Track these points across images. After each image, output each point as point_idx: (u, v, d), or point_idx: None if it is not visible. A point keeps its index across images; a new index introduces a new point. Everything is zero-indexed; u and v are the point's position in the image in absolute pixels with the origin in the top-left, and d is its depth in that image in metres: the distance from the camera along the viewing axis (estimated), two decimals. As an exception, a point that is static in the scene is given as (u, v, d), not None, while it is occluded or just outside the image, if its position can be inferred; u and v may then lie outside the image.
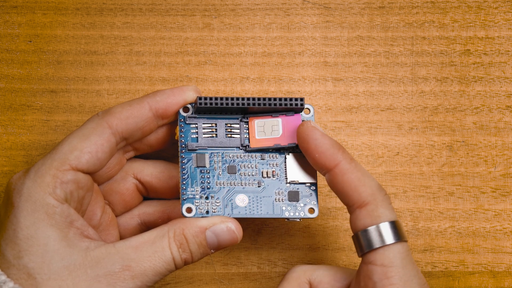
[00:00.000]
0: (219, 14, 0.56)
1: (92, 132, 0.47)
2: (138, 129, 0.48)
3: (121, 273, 0.44)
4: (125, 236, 0.51)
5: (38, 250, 0.44)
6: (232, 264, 0.54)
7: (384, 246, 0.46)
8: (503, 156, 0.55)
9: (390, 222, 0.46)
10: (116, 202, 0.51)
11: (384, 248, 0.46)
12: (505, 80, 0.56)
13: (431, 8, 0.56)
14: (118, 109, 0.48)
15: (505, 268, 0.54)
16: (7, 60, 0.55)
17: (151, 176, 0.51)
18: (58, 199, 0.45)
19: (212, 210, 0.48)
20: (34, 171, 0.46)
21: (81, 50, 0.55)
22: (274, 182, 0.49)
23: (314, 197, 0.49)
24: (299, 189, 0.49)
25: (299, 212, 0.49)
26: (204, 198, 0.48)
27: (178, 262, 0.46)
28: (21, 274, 0.44)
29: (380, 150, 0.55)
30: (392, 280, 0.45)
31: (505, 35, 0.56)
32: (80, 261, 0.44)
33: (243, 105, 0.48)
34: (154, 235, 0.46)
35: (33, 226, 0.44)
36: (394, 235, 0.46)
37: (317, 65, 0.55)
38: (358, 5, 0.56)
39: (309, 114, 0.50)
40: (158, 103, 0.48)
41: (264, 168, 0.49)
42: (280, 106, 0.48)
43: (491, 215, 0.55)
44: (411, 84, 0.56)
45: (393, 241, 0.46)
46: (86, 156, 0.46)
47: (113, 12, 0.55)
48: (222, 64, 0.55)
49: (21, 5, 0.55)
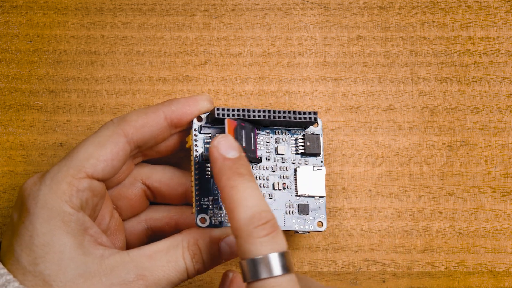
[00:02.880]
0: (219, 14, 0.56)
1: (108, 140, 0.47)
2: (152, 138, 0.48)
3: (135, 282, 0.44)
4: (132, 241, 0.51)
5: (54, 257, 0.44)
6: (232, 264, 0.54)
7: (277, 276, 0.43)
8: (503, 156, 0.55)
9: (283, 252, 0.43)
10: (124, 207, 0.51)
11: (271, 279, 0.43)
12: (505, 80, 0.56)
13: (431, 8, 0.56)
14: (134, 117, 0.48)
15: (505, 268, 0.54)
16: (7, 60, 0.55)
17: (160, 182, 0.51)
18: (74, 207, 0.45)
19: (225, 221, 0.48)
20: (50, 177, 0.45)
21: (81, 50, 0.55)
22: (285, 194, 0.50)
23: (323, 211, 0.50)
24: (308, 202, 0.50)
25: (308, 225, 0.49)
26: (217, 208, 0.48)
27: (191, 272, 0.46)
28: (37, 281, 0.44)
29: (380, 150, 0.55)
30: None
31: (505, 35, 0.56)
32: (95, 269, 0.44)
33: (259, 117, 0.49)
34: (168, 244, 0.46)
35: (49, 233, 0.44)
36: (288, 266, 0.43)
37: (317, 65, 0.55)
38: (358, 5, 0.56)
39: (318, 127, 0.51)
40: (173, 112, 0.48)
41: (275, 180, 0.50)
42: (294, 120, 0.49)
43: (491, 215, 0.55)
44: (411, 84, 0.56)
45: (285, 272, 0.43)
46: (102, 164, 0.46)
47: (113, 12, 0.55)
48: (222, 64, 0.55)
49: (21, 5, 0.55)
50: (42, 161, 0.54)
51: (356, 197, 0.54)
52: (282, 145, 0.51)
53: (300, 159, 0.51)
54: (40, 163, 0.54)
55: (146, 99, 0.55)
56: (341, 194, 0.54)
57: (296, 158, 0.50)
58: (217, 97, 0.55)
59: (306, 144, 0.50)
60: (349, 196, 0.54)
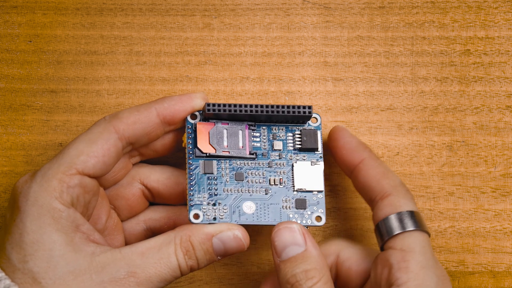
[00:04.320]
0: (219, 14, 0.56)
1: (99, 136, 0.47)
2: (145, 135, 0.48)
3: (126, 279, 0.44)
4: (131, 242, 0.51)
5: (44, 254, 0.44)
6: (232, 264, 0.54)
7: (404, 232, 0.46)
8: (503, 156, 0.55)
9: (411, 211, 0.47)
10: (122, 207, 0.51)
11: (404, 234, 0.46)
12: (505, 80, 0.56)
13: (431, 8, 0.56)
14: (126, 114, 0.48)
15: (505, 268, 0.54)
16: (7, 60, 0.55)
17: (158, 182, 0.51)
18: (64, 204, 0.45)
19: (219, 217, 0.48)
20: (40, 175, 0.45)
21: (81, 50, 0.55)
22: (282, 189, 0.50)
23: (322, 205, 0.50)
24: (306, 197, 0.50)
25: (306, 220, 0.49)
26: (211, 204, 0.48)
27: (183, 269, 0.46)
28: (26, 279, 0.44)
29: (380, 150, 0.55)
30: (409, 263, 0.45)
31: (505, 35, 0.56)
32: (85, 266, 0.44)
33: (251, 112, 0.48)
34: (160, 241, 0.46)
35: (39, 231, 0.44)
36: (414, 223, 0.46)
37: (317, 65, 0.55)
38: (358, 5, 0.56)
39: (316, 123, 0.51)
40: (165, 109, 0.48)
41: (271, 176, 0.50)
42: (288, 114, 0.49)
43: (491, 215, 0.55)
44: (411, 84, 0.56)
45: (413, 228, 0.46)
46: (92, 160, 0.46)
47: (113, 12, 0.55)
48: (222, 64, 0.55)
49: (21, 5, 0.55)
50: (42, 161, 0.54)
51: (356, 197, 0.54)
52: (278, 141, 0.50)
53: (298, 154, 0.50)
54: (40, 163, 0.54)
55: (146, 99, 0.55)
56: (341, 194, 0.54)
57: (293, 153, 0.50)
58: (217, 97, 0.55)
59: (302, 139, 0.50)
60: (349, 196, 0.54)
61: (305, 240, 0.47)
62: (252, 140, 0.50)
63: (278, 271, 0.47)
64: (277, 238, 0.47)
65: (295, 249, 0.47)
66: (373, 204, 0.48)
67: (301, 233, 0.47)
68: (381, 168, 0.49)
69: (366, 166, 0.49)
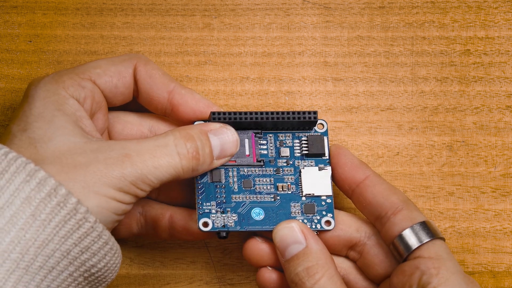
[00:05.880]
0: (219, 14, 0.56)
1: (121, 63, 0.48)
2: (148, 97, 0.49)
3: (120, 159, 0.44)
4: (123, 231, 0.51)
5: (43, 125, 0.44)
6: (232, 264, 0.54)
7: (428, 241, 0.46)
8: (503, 156, 0.55)
9: (425, 221, 0.47)
10: None
11: (428, 243, 0.46)
12: (505, 80, 0.56)
13: (431, 8, 0.56)
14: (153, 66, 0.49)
15: (505, 268, 0.54)
16: (7, 60, 0.55)
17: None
18: (71, 95, 0.46)
19: (228, 224, 0.48)
20: (55, 73, 0.47)
21: (81, 50, 0.55)
22: (290, 195, 0.50)
23: (330, 210, 0.50)
24: (314, 202, 0.50)
25: (315, 225, 0.49)
26: (220, 212, 0.48)
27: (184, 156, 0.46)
28: (23, 144, 0.44)
29: (380, 150, 0.55)
30: (440, 270, 0.45)
31: (505, 35, 0.56)
32: (81, 144, 0.44)
33: (256, 119, 0.49)
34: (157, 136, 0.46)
35: (42, 107, 0.45)
36: (435, 232, 0.47)
37: (317, 65, 0.56)
38: (358, 5, 0.56)
39: (323, 129, 0.51)
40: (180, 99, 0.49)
41: (279, 182, 0.50)
42: (294, 120, 0.49)
43: (491, 215, 0.55)
44: (411, 84, 0.56)
45: (435, 237, 0.47)
46: (106, 77, 0.48)
47: (113, 12, 0.55)
48: (222, 64, 0.55)
49: (21, 5, 0.55)
50: (42, 161, 0.54)
51: (356, 197, 0.54)
52: (285, 148, 0.50)
53: (305, 160, 0.50)
54: (40, 163, 0.54)
55: (146, 99, 0.55)
56: (341, 194, 0.54)
57: (300, 159, 0.50)
58: (217, 97, 0.55)
59: (309, 145, 0.50)
60: (349, 196, 0.54)
61: (305, 236, 0.47)
62: (259, 147, 0.50)
63: (284, 271, 0.47)
64: (278, 238, 0.47)
65: (296, 247, 0.47)
66: (383, 220, 0.48)
67: (300, 230, 0.47)
68: (386, 184, 0.49)
69: (372, 183, 0.49)
